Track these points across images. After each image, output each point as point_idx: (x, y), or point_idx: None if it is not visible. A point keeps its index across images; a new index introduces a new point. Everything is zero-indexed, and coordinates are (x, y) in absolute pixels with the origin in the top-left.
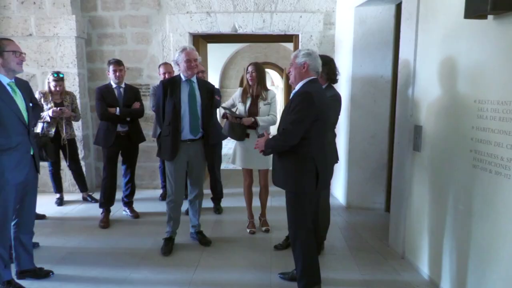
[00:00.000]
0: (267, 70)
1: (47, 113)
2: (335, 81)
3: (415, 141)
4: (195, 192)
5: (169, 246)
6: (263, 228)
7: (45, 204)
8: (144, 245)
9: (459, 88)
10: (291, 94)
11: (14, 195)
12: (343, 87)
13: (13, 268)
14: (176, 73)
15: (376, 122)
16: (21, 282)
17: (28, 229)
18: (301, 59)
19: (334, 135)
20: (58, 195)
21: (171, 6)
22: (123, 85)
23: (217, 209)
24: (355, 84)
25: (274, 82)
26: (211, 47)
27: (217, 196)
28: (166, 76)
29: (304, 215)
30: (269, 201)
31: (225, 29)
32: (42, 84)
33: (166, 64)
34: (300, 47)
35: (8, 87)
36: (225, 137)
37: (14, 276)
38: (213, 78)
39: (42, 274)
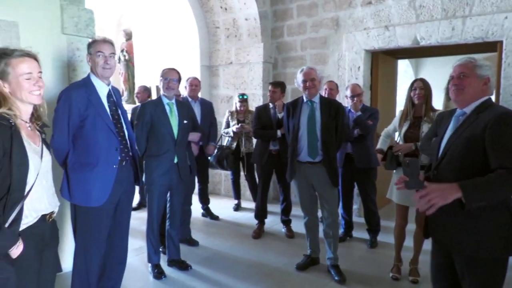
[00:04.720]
0: None
1: (232, 128)
2: None
3: None
4: (328, 220)
5: (304, 263)
6: (410, 278)
7: (225, 207)
8: (276, 263)
9: None
10: (458, 115)
11: (157, 193)
12: None
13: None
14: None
15: None
16: (168, 268)
17: (175, 225)
18: (486, 71)
19: None
20: (236, 201)
21: (349, 25)
22: None
23: (371, 243)
24: None
25: None
26: (435, 63)
27: (372, 228)
28: (327, 92)
29: None
30: (425, 244)
31: (405, 42)
32: None
33: (330, 82)
34: (503, 56)
35: (167, 107)
36: (377, 163)
37: (165, 263)
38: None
39: (184, 266)
